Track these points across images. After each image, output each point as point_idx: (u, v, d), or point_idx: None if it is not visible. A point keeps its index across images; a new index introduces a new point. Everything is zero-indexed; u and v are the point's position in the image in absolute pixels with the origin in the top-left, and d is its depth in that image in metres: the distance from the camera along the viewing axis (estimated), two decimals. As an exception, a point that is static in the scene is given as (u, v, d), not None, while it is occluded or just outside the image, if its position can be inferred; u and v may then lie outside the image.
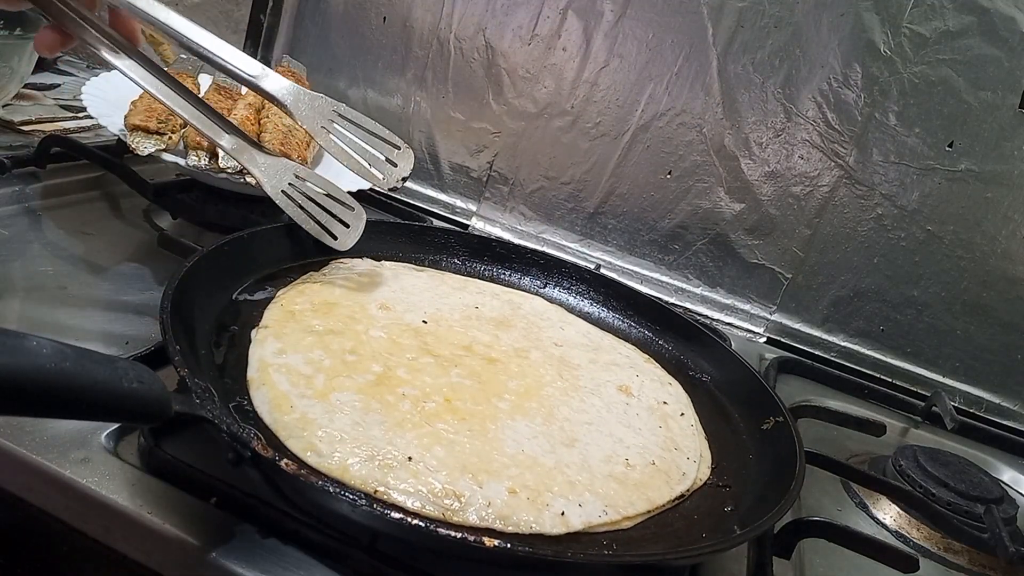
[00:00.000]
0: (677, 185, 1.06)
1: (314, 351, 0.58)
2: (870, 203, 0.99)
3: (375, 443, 0.49)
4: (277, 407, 0.51)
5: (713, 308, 1.07)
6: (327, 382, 0.54)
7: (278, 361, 0.56)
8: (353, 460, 0.47)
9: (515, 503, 0.49)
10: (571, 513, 0.50)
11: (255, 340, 0.58)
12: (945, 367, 1.00)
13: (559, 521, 0.49)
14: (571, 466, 0.54)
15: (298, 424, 0.50)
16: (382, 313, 0.67)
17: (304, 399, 0.52)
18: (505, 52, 1.09)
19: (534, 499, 0.49)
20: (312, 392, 0.53)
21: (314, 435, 0.49)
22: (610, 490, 0.53)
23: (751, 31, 0.99)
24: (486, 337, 0.69)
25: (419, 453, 0.50)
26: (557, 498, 0.50)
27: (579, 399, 0.64)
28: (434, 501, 0.47)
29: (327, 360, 0.57)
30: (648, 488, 0.55)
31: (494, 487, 0.49)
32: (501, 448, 0.53)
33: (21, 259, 0.69)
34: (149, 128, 0.74)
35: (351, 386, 0.55)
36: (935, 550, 0.68)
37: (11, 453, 0.47)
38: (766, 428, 0.65)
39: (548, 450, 0.55)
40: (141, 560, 0.47)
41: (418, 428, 0.52)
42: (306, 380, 0.54)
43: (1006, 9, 0.90)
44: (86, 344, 0.38)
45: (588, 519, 0.50)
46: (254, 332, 0.59)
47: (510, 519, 0.47)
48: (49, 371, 0.34)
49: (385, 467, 0.48)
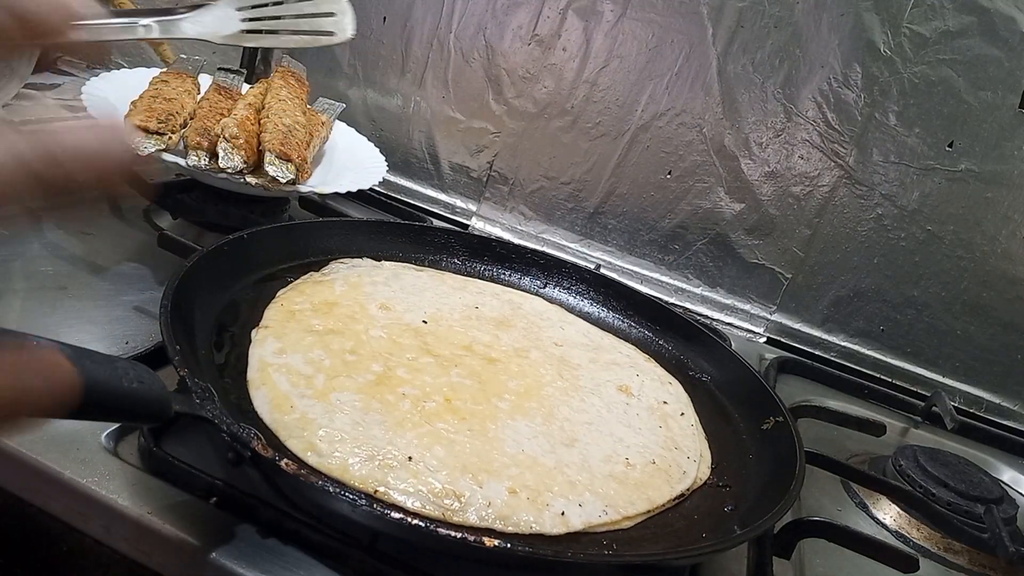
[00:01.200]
0: (677, 185, 1.06)
1: (314, 351, 0.58)
2: (870, 203, 0.99)
3: (375, 443, 0.50)
4: (277, 407, 0.51)
5: (713, 308, 1.07)
6: (327, 382, 0.55)
7: (278, 361, 0.56)
8: (353, 460, 0.48)
9: (515, 503, 0.49)
10: (571, 513, 0.50)
11: (255, 340, 0.58)
12: (945, 367, 1.00)
13: (559, 521, 0.49)
14: (571, 466, 0.54)
15: (298, 424, 0.50)
16: (382, 313, 0.67)
17: (304, 399, 0.52)
18: (505, 52, 1.09)
19: (534, 499, 0.49)
20: (312, 392, 0.53)
21: (314, 435, 0.49)
22: (610, 490, 0.53)
23: (751, 31, 0.99)
24: (486, 337, 0.69)
25: (419, 453, 0.50)
26: (557, 498, 0.50)
27: (579, 399, 0.64)
28: (434, 501, 0.47)
29: (327, 360, 0.57)
30: (648, 487, 0.55)
31: (494, 487, 0.49)
32: (501, 448, 0.53)
33: (21, 259, 0.69)
34: (149, 128, 0.74)
35: (351, 386, 0.55)
36: (935, 550, 0.68)
37: (11, 453, 0.47)
38: (766, 428, 0.65)
39: (548, 450, 0.55)
40: (141, 560, 0.47)
41: (418, 428, 0.52)
42: (306, 380, 0.54)
43: (1006, 9, 0.90)
44: (86, 344, 0.38)
45: (588, 519, 0.50)
46: (254, 332, 0.59)
47: (510, 519, 0.47)
48: (49, 371, 0.34)
49: (385, 467, 0.48)
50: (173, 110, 0.78)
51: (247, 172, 0.78)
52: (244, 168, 0.77)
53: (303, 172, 0.79)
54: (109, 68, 0.64)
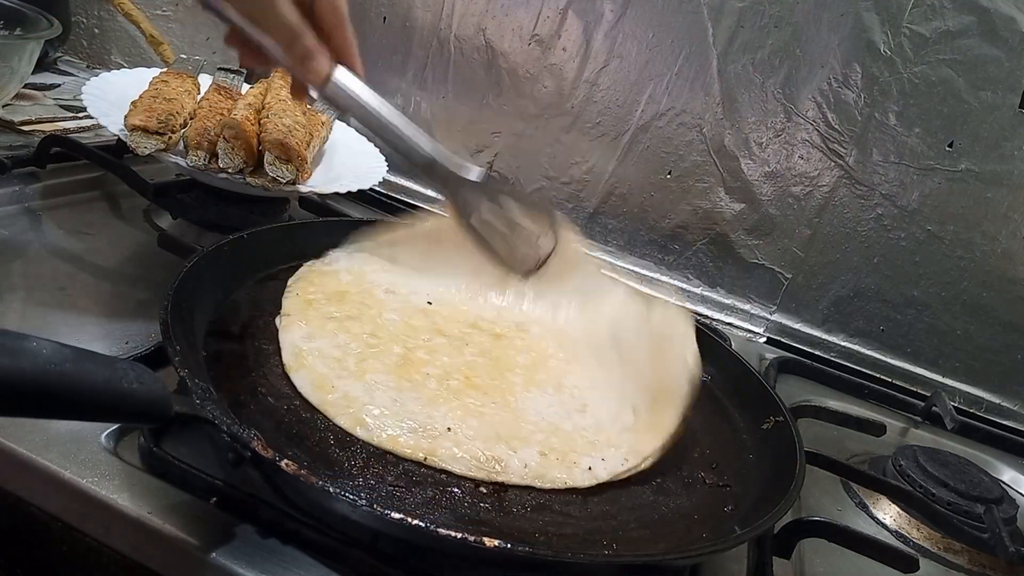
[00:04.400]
0: (677, 185, 1.06)
1: (338, 336, 0.61)
2: (870, 203, 0.99)
3: (416, 417, 0.55)
4: (320, 388, 0.55)
5: (713, 308, 1.07)
6: (358, 364, 0.59)
7: (309, 346, 0.59)
8: (399, 432, 0.53)
9: (547, 463, 0.54)
10: (597, 467, 0.56)
11: (281, 327, 0.61)
12: (945, 367, 1.00)
13: (589, 475, 0.55)
14: (587, 429, 0.60)
15: (343, 402, 0.54)
16: (389, 297, 0.70)
17: (342, 379, 0.56)
18: (505, 52, 1.09)
19: (563, 459, 0.55)
20: (348, 373, 0.57)
21: (361, 411, 0.53)
22: (626, 441, 0.59)
23: (751, 31, 0.99)
24: (489, 313, 0.73)
25: (456, 424, 0.55)
26: (582, 456, 0.56)
27: (580, 367, 0.68)
28: (478, 465, 0.52)
29: (352, 343, 0.61)
30: (657, 425, 0.61)
31: (527, 451, 0.55)
32: (525, 417, 0.59)
33: (21, 259, 0.69)
34: (149, 128, 0.74)
35: (380, 367, 0.59)
36: (935, 550, 0.68)
37: (11, 453, 0.47)
38: (766, 428, 0.65)
39: (564, 417, 0.61)
40: (141, 560, 0.47)
41: (449, 403, 0.57)
42: (338, 363, 0.58)
43: (1006, 9, 0.90)
44: (86, 344, 0.38)
45: (613, 469, 0.56)
46: (278, 320, 0.62)
47: (545, 477, 0.53)
48: (49, 372, 0.34)
49: (429, 437, 0.53)
50: (173, 110, 0.78)
51: (247, 172, 0.78)
52: (244, 168, 0.77)
53: (303, 172, 0.79)
54: (109, 68, 0.64)
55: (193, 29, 1.18)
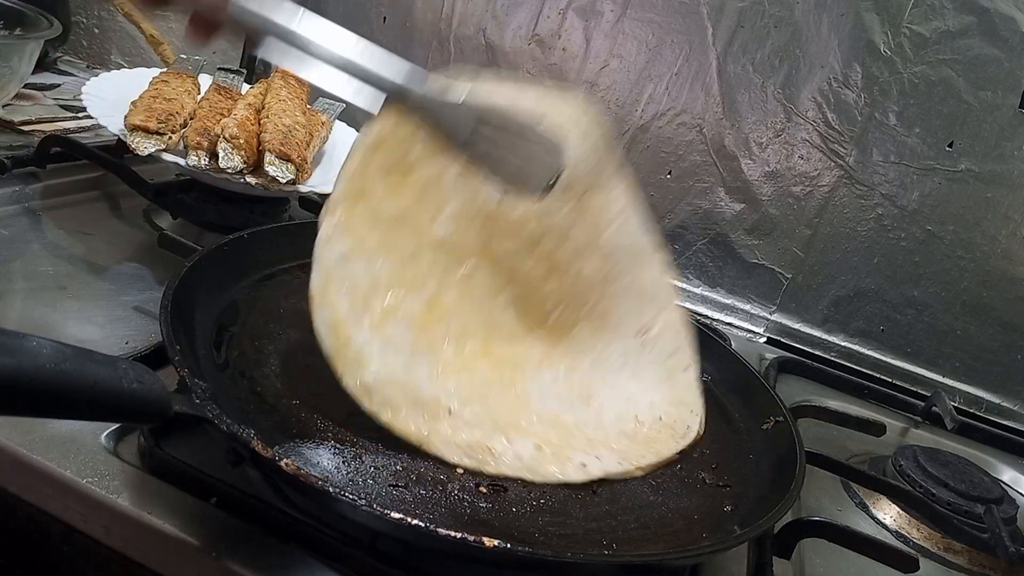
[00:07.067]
0: (677, 185, 1.06)
1: (376, 259, 0.55)
2: (870, 203, 0.99)
3: (420, 391, 0.53)
4: (336, 335, 0.52)
5: (713, 308, 1.07)
6: (383, 306, 0.54)
7: (341, 273, 0.54)
8: (400, 409, 0.52)
9: (541, 457, 0.54)
10: (591, 465, 0.55)
11: (323, 224, 0.55)
12: (945, 367, 1.00)
13: (582, 472, 0.54)
14: (588, 424, 0.59)
15: (355, 361, 0.52)
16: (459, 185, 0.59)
17: (361, 329, 0.53)
18: (505, 52, 1.09)
19: (557, 453, 0.55)
20: (369, 320, 0.54)
21: (368, 374, 0.52)
22: (623, 445, 0.59)
23: (751, 31, 0.99)
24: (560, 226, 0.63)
25: (457, 407, 0.54)
26: (578, 452, 0.55)
27: (602, 346, 0.65)
28: (470, 455, 0.52)
29: (385, 270, 0.55)
30: (656, 443, 0.60)
31: (522, 443, 0.54)
32: (528, 403, 0.58)
33: (21, 259, 0.69)
34: (149, 128, 0.74)
35: (404, 315, 0.55)
36: (935, 550, 0.68)
37: (11, 453, 0.47)
38: (766, 428, 0.65)
39: (567, 407, 0.60)
40: (141, 560, 0.47)
41: (458, 375, 0.56)
42: (364, 302, 0.54)
43: (1006, 9, 0.90)
44: (86, 344, 0.38)
45: (606, 469, 0.55)
46: (324, 210, 0.56)
47: (538, 470, 0.53)
48: (49, 371, 0.34)
49: (429, 417, 0.52)
50: (173, 110, 0.78)
51: (247, 172, 0.78)
52: (244, 168, 0.77)
53: (303, 172, 0.79)
54: (109, 68, 0.64)
55: (193, 29, 1.17)
